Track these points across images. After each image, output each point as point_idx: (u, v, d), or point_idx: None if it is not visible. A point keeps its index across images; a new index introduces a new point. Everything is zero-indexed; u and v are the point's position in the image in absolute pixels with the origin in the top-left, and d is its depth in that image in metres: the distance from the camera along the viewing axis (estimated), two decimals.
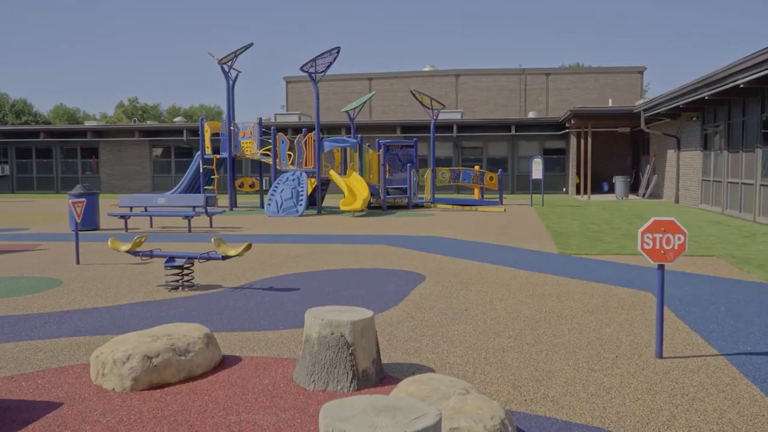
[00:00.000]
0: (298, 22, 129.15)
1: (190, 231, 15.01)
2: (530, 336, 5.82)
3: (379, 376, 4.65)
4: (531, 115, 38.15)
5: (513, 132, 33.26)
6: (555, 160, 33.26)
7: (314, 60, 20.01)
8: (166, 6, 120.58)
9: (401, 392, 3.86)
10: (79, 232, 13.95)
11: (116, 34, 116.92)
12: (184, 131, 34.81)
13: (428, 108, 24.62)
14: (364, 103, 25.78)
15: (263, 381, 4.62)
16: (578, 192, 31.77)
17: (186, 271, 8.17)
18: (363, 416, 2.78)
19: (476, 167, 25.85)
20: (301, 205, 19.34)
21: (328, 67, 20.37)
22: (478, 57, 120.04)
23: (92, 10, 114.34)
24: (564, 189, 33.09)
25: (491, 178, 24.87)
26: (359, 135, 23.59)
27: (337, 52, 20.01)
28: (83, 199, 10.25)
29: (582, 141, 29.58)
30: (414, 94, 24.37)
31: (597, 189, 33.50)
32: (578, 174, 31.70)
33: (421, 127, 33.42)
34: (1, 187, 37.36)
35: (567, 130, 31.89)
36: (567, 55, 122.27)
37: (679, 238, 4.98)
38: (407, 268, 9.65)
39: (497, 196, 25.76)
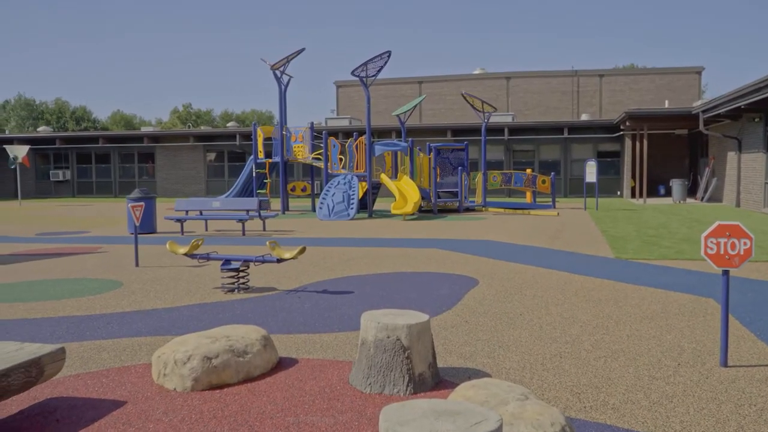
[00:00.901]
0: (348, 27, 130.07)
1: (244, 234, 15.23)
2: (587, 342, 5.72)
3: (435, 380, 4.63)
4: (584, 117, 37.56)
5: (565, 135, 32.81)
6: (609, 163, 32.68)
7: (365, 64, 20.11)
8: (218, 13, 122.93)
9: (458, 397, 3.83)
10: (138, 235, 14.30)
11: (170, 42, 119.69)
12: (237, 136, 35.37)
13: (479, 111, 24.49)
14: (415, 106, 25.79)
15: (320, 383, 4.65)
16: (633, 195, 31.13)
17: (242, 274, 8.29)
18: (423, 420, 2.77)
19: (528, 170, 25.59)
20: (352, 208, 19.44)
21: (379, 71, 20.45)
22: (530, 59, 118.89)
23: (148, 20, 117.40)
24: (618, 192, 32.48)
25: (544, 182, 24.58)
26: (410, 138, 23.61)
27: (388, 56, 20.07)
28: (142, 203, 10.50)
29: (637, 143, 28.99)
30: (465, 97, 24.27)
31: (653, 192, 32.77)
32: (633, 177, 31.07)
33: (471, 131, 33.26)
34: (62, 191, 38.57)
35: (621, 133, 31.31)
36: (621, 56, 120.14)
37: (745, 243, 4.84)
38: (460, 271, 9.60)
39: (550, 199, 25.45)
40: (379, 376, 4.46)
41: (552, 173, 24.35)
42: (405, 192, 20.24)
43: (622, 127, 30.60)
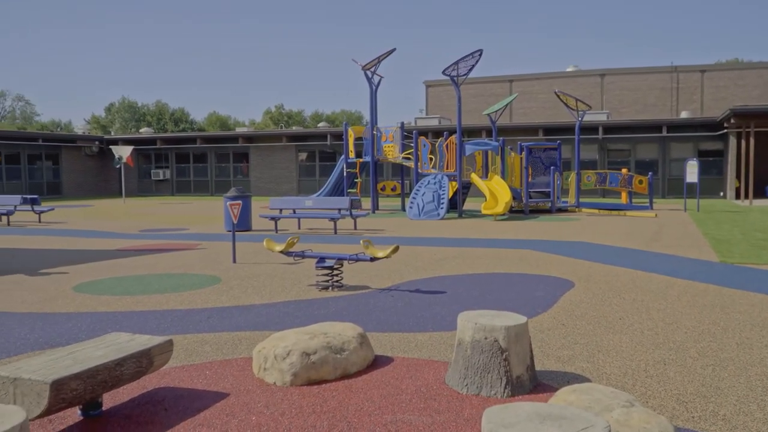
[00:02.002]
0: (438, 26, 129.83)
1: (335, 233, 15.45)
2: (693, 349, 5.48)
3: (532, 384, 4.55)
4: (684, 115, 36.05)
5: (664, 133, 31.58)
6: (711, 162, 31.22)
7: (456, 63, 20.01)
8: (308, 14, 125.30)
9: (560, 401, 3.75)
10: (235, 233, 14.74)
11: (263, 45, 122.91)
12: (328, 136, 35.92)
13: (573, 109, 23.91)
14: (507, 105, 25.45)
15: (416, 382, 4.66)
16: (738, 197, 29.63)
17: (335, 272, 8.41)
18: (528, 423, 2.72)
19: (624, 170, 24.78)
20: (442, 208, 19.38)
21: (470, 70, 20.30)
22: (625, 55, 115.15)
23: (241, 25, 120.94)
24: (721, 193, 30.98)
25: (640, 182, 23.75)
26: (501, 138, 23.33)
27: (480, 55, 19.90)
28: (239, 202, 10.82)
29: (743, 142, 27.56)
30: (558, 96, 23.75)
31: (760, 193, 31.08)
32: (738, 177, 29.57)
33: (563, 129, 32.52)
34: (162, 190, 40.27)
35: (725, 131, 29.84)
36: (724, 50, 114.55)
37: None
38: (554, 273, 9.40)
39: (647, 200, 24.56)
40: (476, 377, 4.42)
41: (649, 173, 23.49)
42: (496, 192, 20.01)
43: (726, 125, 29.16)
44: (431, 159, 21.70)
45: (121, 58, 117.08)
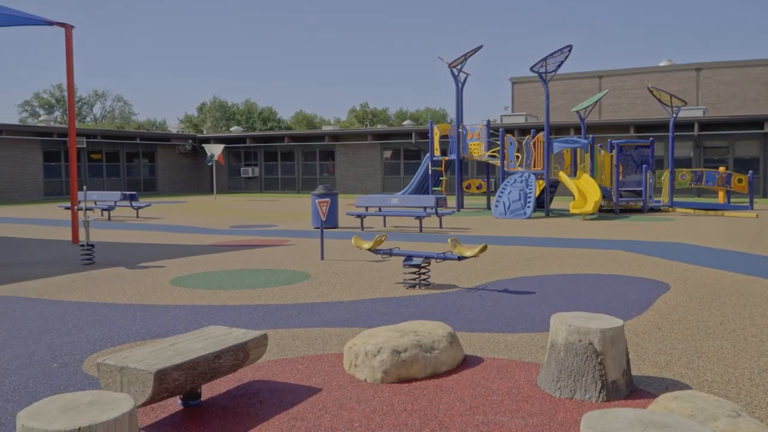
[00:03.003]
0: (524, 22, 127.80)
1: (421, 231, 15.46)
2: None
3: (629, 389, 4.41)
4: None
5: (765, 129, 30.01)
6: None
7: (545, 59, 19.65)
8: (393, 13, 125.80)
9: (660, 408, 3.62)
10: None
11: (347, 44, 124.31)
12: (413, 134, 35.98)
13: (667, 105, 23.05)
14: (596, 102, 24.80)
15: (507, 383, 4.60)
16: None
17: (423, 270, 8.40)
18: (630, 430, 2.64)
19: (721, 168, 23.71)
20: (528, 207, 19.08)
21: (559, 66, 19.88)
22: (722, 48, 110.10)
23: (326, 26, 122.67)
24: None
25: (740, 181, 22.65)
26: (590, 135, 22.75)
27: (569, 51, 19.46)
28: (327, 199, 10.98)
29: None
30: (652, 91, 22.94)
31: None
32: None
33: (656, 126, 31.39)
34: (251, 187, 41.36)
35: None
36: None
37: None
38: (648, 275, 9.09)
39: (746, 200, 23.42)
40: (570, 380, 4.32)
41: (750, 171, 22.38)
42: (585, 190, 19.54)
43: None
44: (518, 157, 21.40)
45: (213, 58, 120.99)
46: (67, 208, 18.54)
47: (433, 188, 23.44)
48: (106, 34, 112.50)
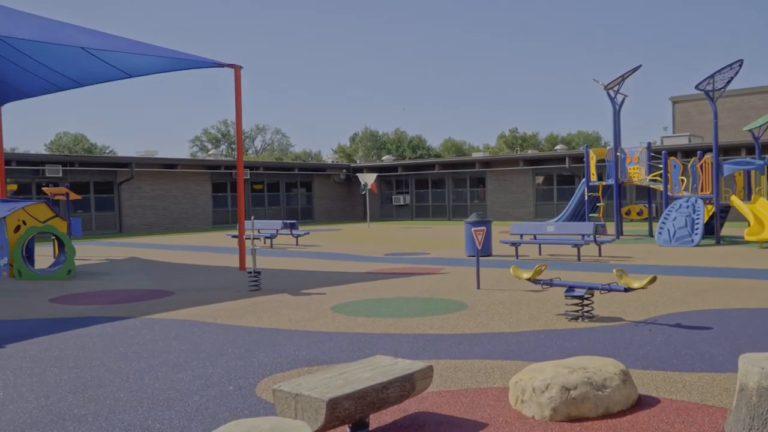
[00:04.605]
0: (682, 39, 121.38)
1: (579, 259, 14.93)
2: None
3: None
4: None
5: None
6: None
7: (712, 76, 18.49)
8: (538, 36, 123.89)
9: None
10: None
11: (493, 70, 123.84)
12: (567, 159, 35.06)
13: None
14: None
15: (689, 428, 4.27)
16: None
17: (586, 302, 8.08)
18: None
19: None
20: (696, 234, 17.90)
21: (728, 83, 18.64)
22: None
23: (470, 51, 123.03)
24: None
25: None
26: (765, 156, 21.04)
27: (740, 66, 18.20)
28: (483, 228, 10.89)
29: None
30: None
31: None
32: None
33: None
34: (402, 215, 42.02)
35: None
36: None
37: None
38: None
39: None
40: (765, 428, 3.94)
41: None
42: (761, 216, 18.04)
43: None
44: (682, 181, 20.20)
45: (362, 89, 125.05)
46: (234, 237, 19.72)
47: (590, 215, 22.61)
48: (265, 72, 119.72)
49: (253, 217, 12.16)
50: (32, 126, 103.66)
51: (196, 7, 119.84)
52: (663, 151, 20.84)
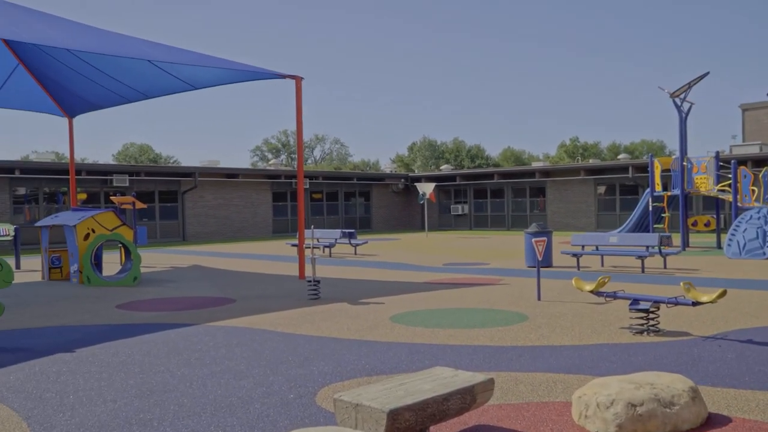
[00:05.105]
0: (752, 44, 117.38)
1: (643, 271, 14.55)
2: None
3: None
4: None
5: None
6: None
7: None
8: (597, 45, 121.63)
9: None
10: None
11: (551, 78, 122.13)
12: (630, 168, 34.27)
13: None
14: None
15: None
16: None
17: (651, 315, 7.86)
18: None
19: None
20: None
21: None
22: None
23: (531, 59, 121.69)
24: None
25: None
26: None
27: None
28: (544, 238, 10.73)
29: None
30: None
31: None
32: None
33: None
34: (461, 224, 41.78)
35: None
36: None
37: None
38: None
39: None
40: None
41: None
42: None
43: None
44: (753, 191, 19.51)
45: (420, 99, 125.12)
46: (294, 245, 19.95)
47: (655, 225, 22.04)
48: (324, 81, 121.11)
49: (312, 226, 12.27)
50: (100, 137, 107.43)
51: (255, 17, 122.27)
52: (732, 160, 20.17)
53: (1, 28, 12.22)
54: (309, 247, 15.85)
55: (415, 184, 37.88)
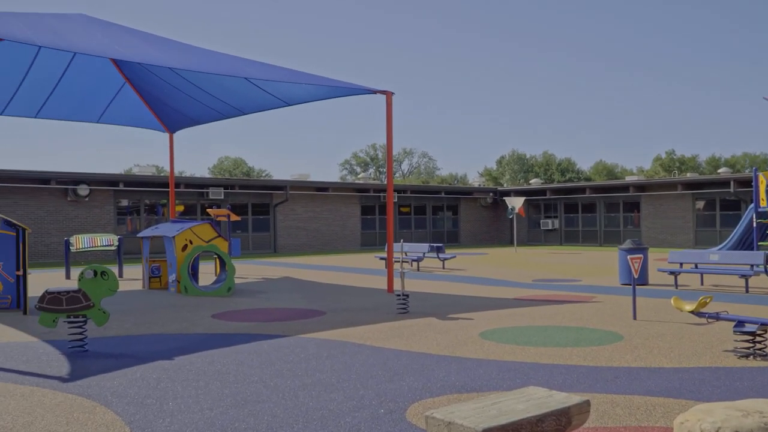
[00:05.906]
0: None
1: (747, 291, 13.82)
2: None
3: None
4: None
5: None
6: None
7: None
8: (694, 52, 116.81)
9: None
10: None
11: (645, 90, 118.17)
12: (731, 182, 32.71)
13: None
14: None
15: None
16: None
17: (758, 338, 7.45)
18: None
19: None
20: None
21: None
22: None
23: (623, 70, 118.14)
24: None
25: None
26: None
27: None
28: (640, 255, 10.37)
29: None
30: None
31: None
32: None
33: None
34: (551, 240, 40.96)
35: None
36: None
37: None
38: None
39: None
40: None
41: None
42: None
43: None
44: None
45: (512, 114, 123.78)
46: (382, 259, 20.09)
47: (759, 243, 20.90)
48: (412, 95, 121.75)
49: (402, 240, 12.32)
50: (197, 150, 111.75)
51: (341, 32, 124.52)
52: None
53: (110, 48, 12.93)
54: (398, 261, 15.92)
55: (504, 198, 37.45)
